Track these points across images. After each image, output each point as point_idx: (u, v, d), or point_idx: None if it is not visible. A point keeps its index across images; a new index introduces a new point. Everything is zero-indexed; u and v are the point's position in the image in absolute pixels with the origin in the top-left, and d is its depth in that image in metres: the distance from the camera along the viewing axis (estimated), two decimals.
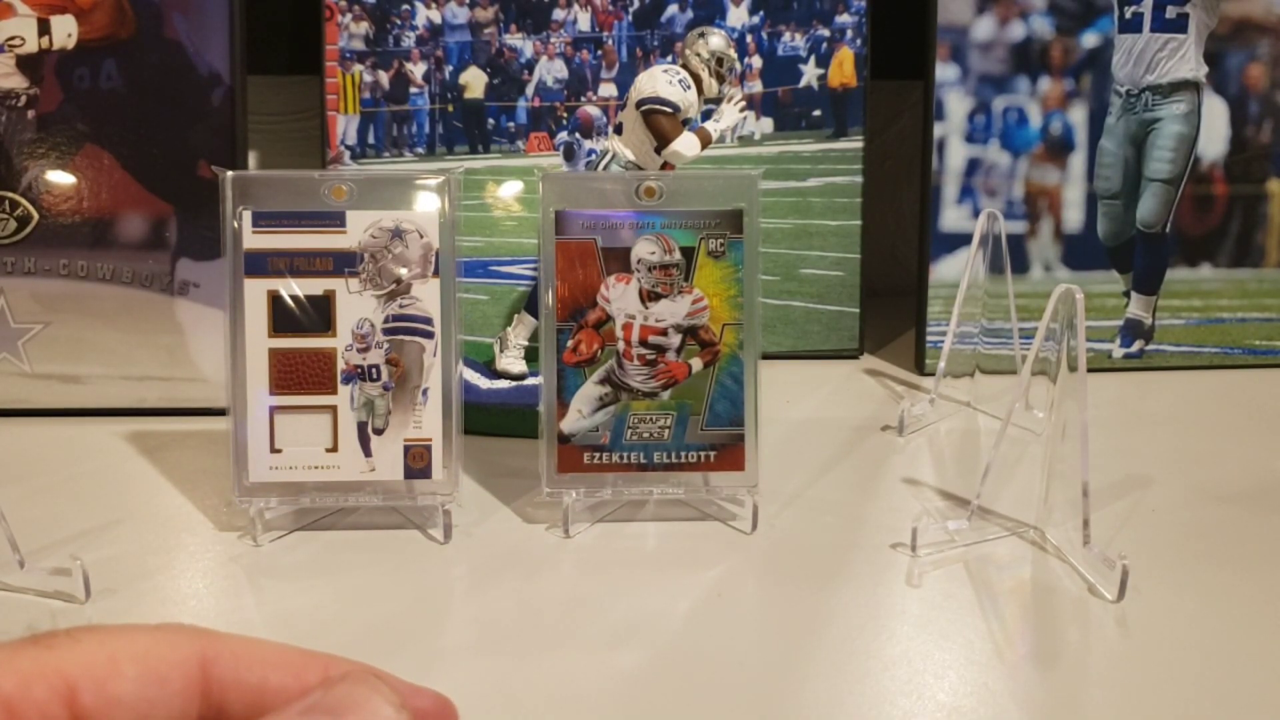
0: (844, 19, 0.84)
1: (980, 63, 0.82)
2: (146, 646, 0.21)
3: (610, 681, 0.44)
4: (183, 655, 0.21)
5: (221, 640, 0.22)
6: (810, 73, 0.85)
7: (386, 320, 0.55)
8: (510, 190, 0.83)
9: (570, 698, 0.43)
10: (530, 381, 0.72)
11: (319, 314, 0.55)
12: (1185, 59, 0.83)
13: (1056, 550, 0.54)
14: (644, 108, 0.68)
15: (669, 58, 0.82)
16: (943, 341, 0.72)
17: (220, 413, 0.55)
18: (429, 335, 0.55)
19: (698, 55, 0.70)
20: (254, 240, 0.55)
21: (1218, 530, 0.57)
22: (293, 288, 0.55)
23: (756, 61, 0.85)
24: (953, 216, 0.83)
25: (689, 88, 0.68)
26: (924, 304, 0.83)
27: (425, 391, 0.55)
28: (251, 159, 0.80)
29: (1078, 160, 0.84)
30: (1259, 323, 0.86)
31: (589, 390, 0.56)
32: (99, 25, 0.70)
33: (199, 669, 0.22)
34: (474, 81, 0.83)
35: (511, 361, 0.73)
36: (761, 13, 0.84)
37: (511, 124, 0.84)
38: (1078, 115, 0.83)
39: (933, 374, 0.74)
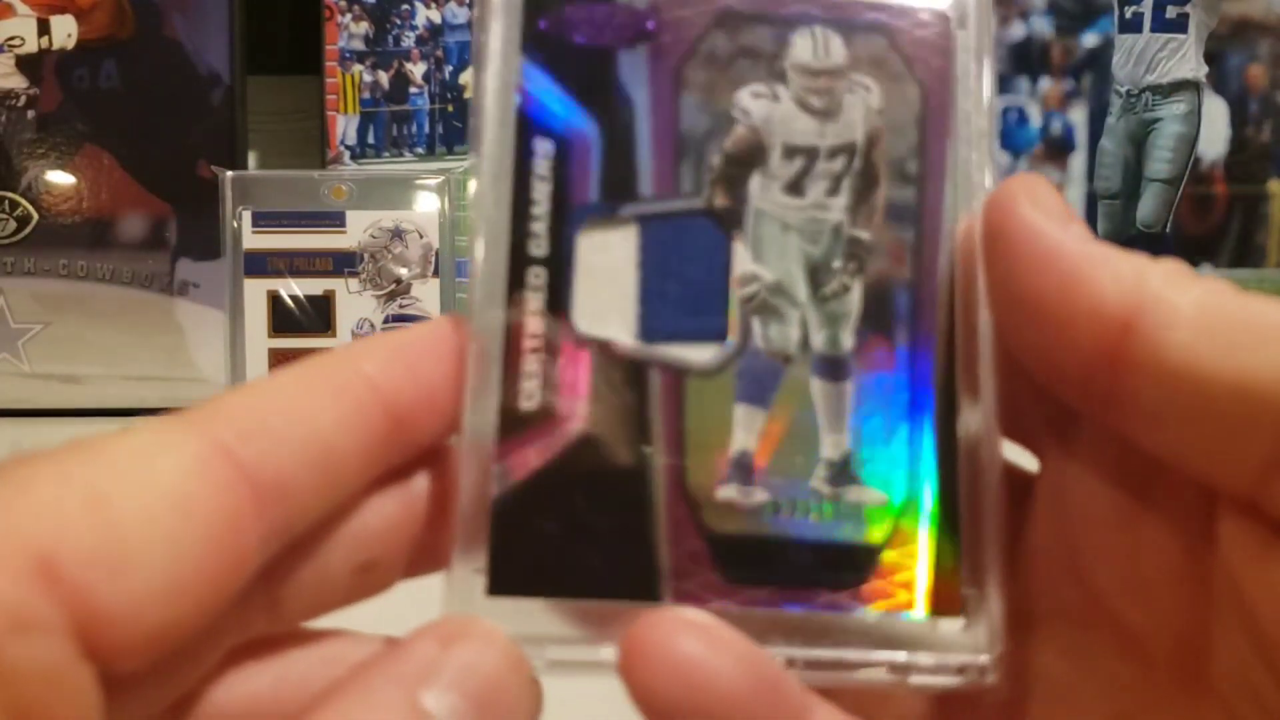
0: None
1: None
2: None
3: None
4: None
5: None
6: None
7: (386, 320, 0.55)
8: None
9: (576, 691, 0.43)
10: None
11: (319, 314, 0.55)
12: (1185, 59, 0.83)
13: None
14: None
15: None
16: None
17: None
18: None
19: None
20: (254, 240, 0.55)
21: None
22: (293, 288, 0.55)
23: None
24: None
25: None
26: None
27: None
28: (251, 159, 0.80)
29: (1078, 160, 0.84)
30: None
31: None
32: (99, 25, 0.70)
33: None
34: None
35: None
36: None
37: None
38: (1078, 115, 0.83)
39: None
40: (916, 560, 0.20)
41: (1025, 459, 0.21)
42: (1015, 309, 0.19)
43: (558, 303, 0.20)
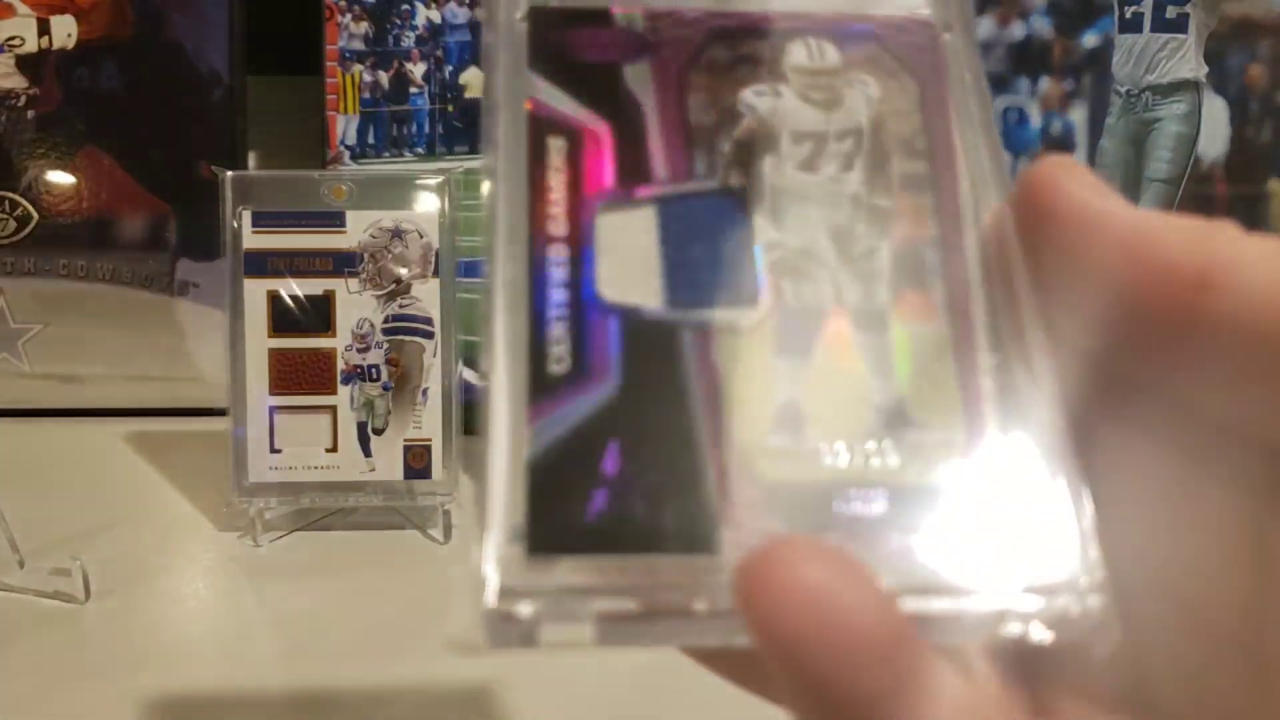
0: None
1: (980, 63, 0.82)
2: None
3: (616, 664, 0.44)
4: None
5: None
6: None
7: (386, 320, 0.55)
8: None
9: (576, 687, 0.43)
10: None
11: (319, 314, 0.55)
12: (1185, 59, 0.83)
13: None
14: None
15: None
16: None
17: (220, 413, 0.55)
18: (429, 335, 0.55)
19: None
20: (254, 240, 0.55)
21: None
22: (292, 288, 0.55)
23: None
24: None
25: None
26: None
27: (425, 391, 0.55)
28: (251, 159, 0.80)
29: (1078, 160, 0.84)
30: None
31: None
32: (99, 25, 0.70)
33: None
34: (474, 81, 0.84)
35: None
36: None
37: None
38: (1078, 115, 0.84)
39: None
40: (993, 496, 0.19)
41: None
42: (1071, 282, 0.19)
43: (580, 275, 0.20)
